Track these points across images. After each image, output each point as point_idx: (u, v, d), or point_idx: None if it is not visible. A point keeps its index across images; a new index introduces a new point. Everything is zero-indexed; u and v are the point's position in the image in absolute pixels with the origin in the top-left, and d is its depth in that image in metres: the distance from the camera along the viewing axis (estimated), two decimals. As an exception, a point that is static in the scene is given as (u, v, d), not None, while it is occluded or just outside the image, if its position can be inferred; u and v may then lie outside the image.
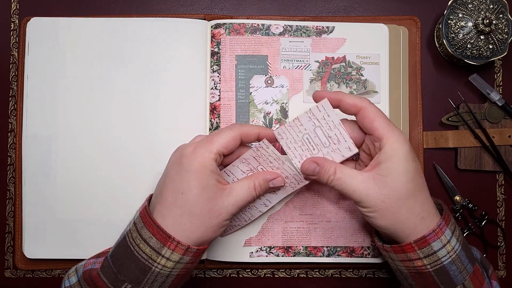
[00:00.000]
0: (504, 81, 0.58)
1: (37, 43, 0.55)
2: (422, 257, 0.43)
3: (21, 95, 0.55)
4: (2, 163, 0.57)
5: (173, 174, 0.44)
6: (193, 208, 0.42)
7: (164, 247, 0.42)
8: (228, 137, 0.44)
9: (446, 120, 0.57)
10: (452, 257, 0.43)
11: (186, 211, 0.42)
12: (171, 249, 0.42)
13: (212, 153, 0.43)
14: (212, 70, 0.55)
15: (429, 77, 0.58)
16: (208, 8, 0.59)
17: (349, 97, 0.44)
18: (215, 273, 0.57)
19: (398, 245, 0.44)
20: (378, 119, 0.43)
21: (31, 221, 0.54)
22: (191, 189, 0.42)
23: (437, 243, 0.43)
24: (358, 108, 0.44)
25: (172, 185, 0.43)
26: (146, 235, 0.42)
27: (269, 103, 0.55)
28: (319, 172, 0.45)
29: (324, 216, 0.54)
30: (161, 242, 0.42)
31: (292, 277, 0.57)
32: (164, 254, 0.42)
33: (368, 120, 0.44)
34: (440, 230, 0.43)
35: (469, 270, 0.44)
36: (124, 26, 0.55)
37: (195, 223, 0.42)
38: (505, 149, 0.56)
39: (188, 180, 0.42)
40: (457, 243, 0.44)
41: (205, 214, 0.43)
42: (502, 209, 0.58)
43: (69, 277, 0.47)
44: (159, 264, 0.42)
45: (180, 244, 0.42)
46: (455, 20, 0.54)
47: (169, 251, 0.42)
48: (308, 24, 0.55)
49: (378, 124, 0.43)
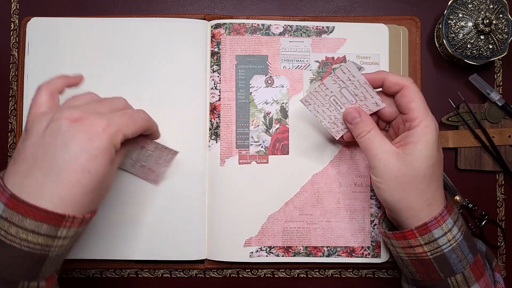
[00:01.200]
0: (504, 81, 0.58)
1: (37, 43, 0.55)
2: (422, 244, 0.44)
3: (21, 95, 0.55)
4: (2, 163, 0.57)
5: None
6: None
7: (60, 228, 0.38)
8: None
9: (446, 120, 0.57)
10: (452, 246, 0.44)
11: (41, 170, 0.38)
12: (67, 226, 0.38)
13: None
14: (212, 70, 0.55)
15: (429, 77, 0.58)
16: (208, 8, 0.59)
17: (392, 76, 0.46)
18: (215, 273, 0.57)
19: (399, 231, 0.45)
20: (417, 100, 0.44)
21: (31, 221, 0.54)
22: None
23: (438, 231, 0.43)
24: (401, 86, 0.45)
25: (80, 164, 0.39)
26: (32, 225, 0.37)
27: (269, 103, 0.55)
28: (357, 123, 0.47)
29: (324, 216, 0.54)
30: (54, 225, 0.38)
31: (292, 277, 0.57)
32: (61, 235, 0.38)
33: (407, 100, 0.45)
34: (442, 218, 0.44)
35: (469, 260, 0.44)
36: (124, 26, 0.55)
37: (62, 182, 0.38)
38: (505, 149, 0.56)
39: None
40: (459, 233, 0.44)
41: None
42: (502, 209, 0.58)
43: None
44: (56, 246, 0.39)
45: (76, 218, 0.38)
46: (455, 20, 0.54)
47: (65, 230, 0.38)
48: (308, 24, 0.56)
49: (415, 105, 0.44)
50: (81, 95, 0.44)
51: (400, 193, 0.44)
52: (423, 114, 0.44)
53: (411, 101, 0.45)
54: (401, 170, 0.43)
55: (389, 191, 0.45)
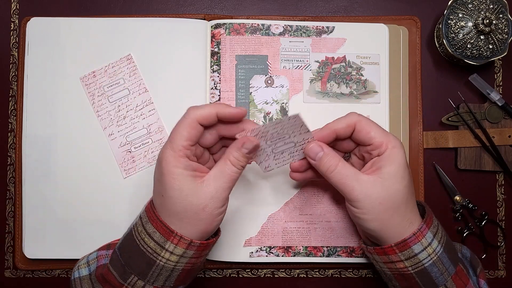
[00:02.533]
0: (504, 81, 0.58)
1: (37, 43, 0.55)
2: (403, 259, 0.44)
3: (21, 95, 0.55)
4: (2, 163, 0.57)
5: (155, 177, 0.44)
6: (176, 208, 0.42)
7: (167, 242, 0.42)
8: (186, 127, 0.42)
9: (446, 120, 0.57)
10: (433, 259, 0.44)
11: (172, 212, 0.42)
12: (174, 243, 0.42)
13: (176, 153, 0.42)
14: (212, 70, 0.55)
15: (429, 77, 0.58)
16: (208, 8, 0.59)
17: (339, 123, 0.45)
18: (215, 273, 0.57)
19: (380, 247, 0.45)
20: (373, 128, 0.44)
21: (31, 221, 0.54)
22: (168, 191, 0.42)
23: (417, 246, 0.43)
24: (351, 125, 0.45)
25: (155, 189, 0.44)
26: (150, 229, 0.43)
27: (269, 103, 0.55)
28: (321, 158, 0.44)
29: (324, 216, 0.54)
30: (164, 236, 0.42)
31: (292, 277, 0.57)
32: (168, 248, 0.42)
33: (364, 133, 0.44)
34: (421, 234, 0.44)
35: (450, 271, 0.45)
36: (124, 26, 0.55)
37: (184, 220, 0.42)
38: (505, 149, 0.56)
39: (164, 183, 0.42)
40: (439, 246, 0.44)
41: (189, 211, 0.42)
42: (502, 209, 0.58)
43: (79, 268, 0.48)
44: (163, 258, 0.43)
45: (183, 238, 0.42)
46: (455, 20, 0.54)
47: (172, 245, 0.42)
48: (308, 24, 0.55)
49: (375, 133, 0.44)
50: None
51: (385, 219, 0.43)
52: (386, 137, 0.44)
53: (369, 132, 0.44)
54: (383, 196, 0.43)
55: (374, 219, 0.43)
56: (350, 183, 0.43)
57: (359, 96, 0.55)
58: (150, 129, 0.55)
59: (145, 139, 0.55)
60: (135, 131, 0.55)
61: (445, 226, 0.57)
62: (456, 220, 0.57)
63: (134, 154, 0.55)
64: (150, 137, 0.55)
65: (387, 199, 0.43)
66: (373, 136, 0.44)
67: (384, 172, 0.43)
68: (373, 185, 0.43)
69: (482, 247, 0.57)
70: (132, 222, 0.46)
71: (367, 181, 0.43)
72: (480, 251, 0.57)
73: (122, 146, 0.55)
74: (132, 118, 0.55)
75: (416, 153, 0.56)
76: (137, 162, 0.55)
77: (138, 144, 0.55)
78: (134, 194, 0.54)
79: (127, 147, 0.55)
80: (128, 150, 0.55)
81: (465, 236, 0.57)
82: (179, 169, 0.42)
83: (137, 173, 0.54)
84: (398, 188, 0.43)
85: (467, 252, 0.50)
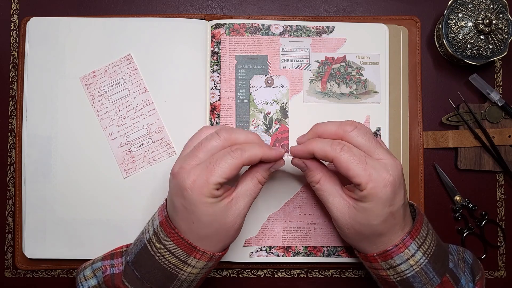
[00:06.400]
0: (504, 81, 0.58)
1: (37, 43, 0.55)
2: (385, 268, 0.44)
3: (21, 95, 0.55)
4: (2, 163, 0.57)
5: (180, 206, 0.43)
6: (207, 231, 0.43)
7: (190, 257, 0.43)
8: (230, 166, 0.41)
9: (446, 120, 0.57)
10: (416, 270, 0.44)
11: (202, 235, 0.43)
12: (197, 258, 0.43)
13: (211, 185, 0.41)
14: (212, 70, 0.55)
15: (429, 77, 0.58)
16: (208, 8, 0.59)
17: (318, 150, 0.43)
18: (215, 273, 0.57)
19: (364, 254, 0.46)
20: (352, 167, 0.41)
21: (31, 221, 0.54)
22: (200, 218, 0.42)
23: (399, 257, 0.43)
24: (330, 159, 0.42)
25: (182, 216, 0.43)
26: (171, 246, 0.43)
27: (269, 103, 0.55)
28: (306, 173, 0.47)
29: (324, 216, 0.54)
30: (186, 252, 0.43)
31: (292, 277, 0.57)
32: (190, 263, 0.44)
33: (343, 170, 0.42)
34: (404, 245, 0.43)
35: (434, 282, 0.44)
36: (124, 26, 0.55)
37: (214, 239, 0.43)
38: (505, 149, 0.56)
39: (194, 212, 0.42)
40: (423, 257, 0.44)
41: (221, 230, 0.43)
42: (502, 209, 0.58)
43: (87, 279, 0.48)
44: (185, 272, 0.44)
45: (206, 253, 0.43)
46: (455, 20, 0.54)
47: (194, 260, 0.43)
48: (308, 24, 0.55)
49: (354, 173, 0.41)
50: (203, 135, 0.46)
51: (358, 241, 0.45)
52: (365, 177, 0.41)
53: (347, 170, 0.41)
54: (353, 224, 0.43)
55: (348, 238, 0.46)
56: (327, 203, 0.46)
57: (359, 96, 0.55)
58: (150, 129, 0.55)
59: (145, 139, 0.55)
60: (135, 131, 0.55)
61: (445, 226, 0.57)
62: (456, 220, 0.57)
63: (134, 154, 0.55)
64: (150, 137, 0.55)
65: (362, 229, 0.43)
66: (352, 174, 0.41)
67: (359, 205, 0.43)
68: (346, 210, 0.44)
69: (482, 247, 0.57)
70: (143, 235, 0.46)
71: (341, 204, 0.44)
72: (480, 251, 0.57)
73: (122, 146, 0.55)
74: (132, 118, 0.55)
75: (416, 153, 0.56)
76: (137, 162, 0.55)
77: (138, 144, 0.55)
78: (134, 194, 0.54)
79: (127, 147, 0.55)
80: (128, 150, 0.55)
81: (465, 236, 0.57)
82: (212, 198, 0.42)
83: (137, 173, 0.54)
84: (371, 223, 0.42)
85: (469, 258, 0.50)
